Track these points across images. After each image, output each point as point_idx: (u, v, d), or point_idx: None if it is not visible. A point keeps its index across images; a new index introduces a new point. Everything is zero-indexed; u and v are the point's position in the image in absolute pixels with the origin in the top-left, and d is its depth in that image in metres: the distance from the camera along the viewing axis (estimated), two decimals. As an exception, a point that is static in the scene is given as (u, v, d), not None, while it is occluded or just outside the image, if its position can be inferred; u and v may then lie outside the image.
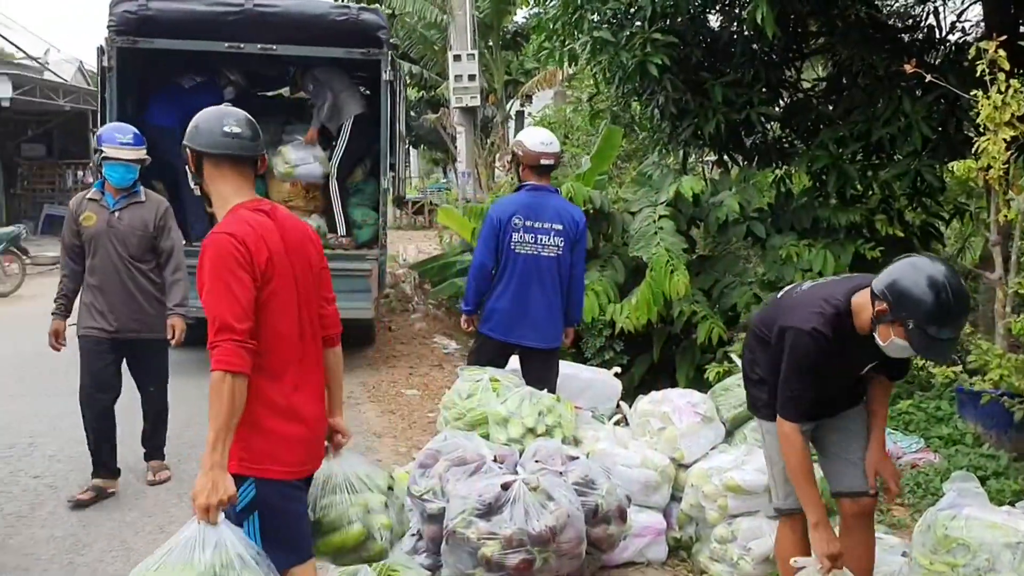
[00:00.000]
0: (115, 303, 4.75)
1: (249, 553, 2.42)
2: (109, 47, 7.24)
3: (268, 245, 2.68)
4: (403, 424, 6.26)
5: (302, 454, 2.73)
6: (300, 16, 7.40)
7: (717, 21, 7.82)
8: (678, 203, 6.90)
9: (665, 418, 4.07)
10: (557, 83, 16.77)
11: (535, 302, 4.76)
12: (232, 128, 2.76)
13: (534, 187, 4.77)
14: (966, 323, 2.74)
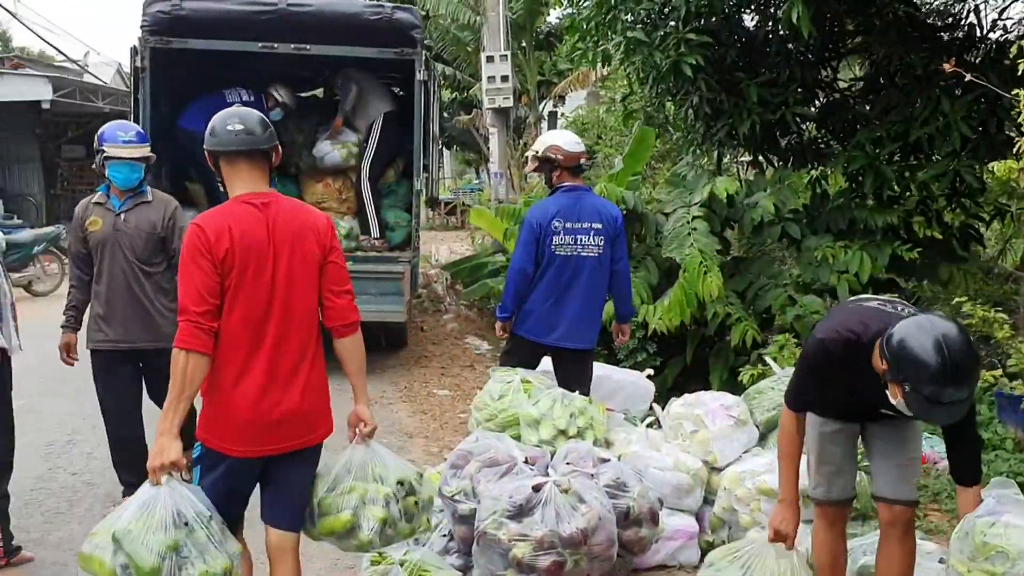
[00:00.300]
0: (124, 311, 4.44)
1: (195, 511, 2.73)
2: (142, 47, 7.22)
3: (232, 236, 2.85)
4: (435, 424, 6.28)
5: (243, 438, 2.88)
6: (333, 15, 7.35)
7: (752, 21, 7.76)
8: (712, 204, 6.84)
9: (698, 420, 4.04)
10: (590, 84, 16.73)
11: (572, 303, 4.74)
12: (235, 126, 2.97)
13: (570, 188, 4.76)
14: (973, 385, 2.67)
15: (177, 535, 2.67)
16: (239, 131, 2.96)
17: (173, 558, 2.64)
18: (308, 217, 3.08)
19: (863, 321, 2.89)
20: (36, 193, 19.07)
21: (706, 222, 6.64)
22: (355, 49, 7.51)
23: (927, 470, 4.88)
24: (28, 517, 4.56)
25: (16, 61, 19.01)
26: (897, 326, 2.66)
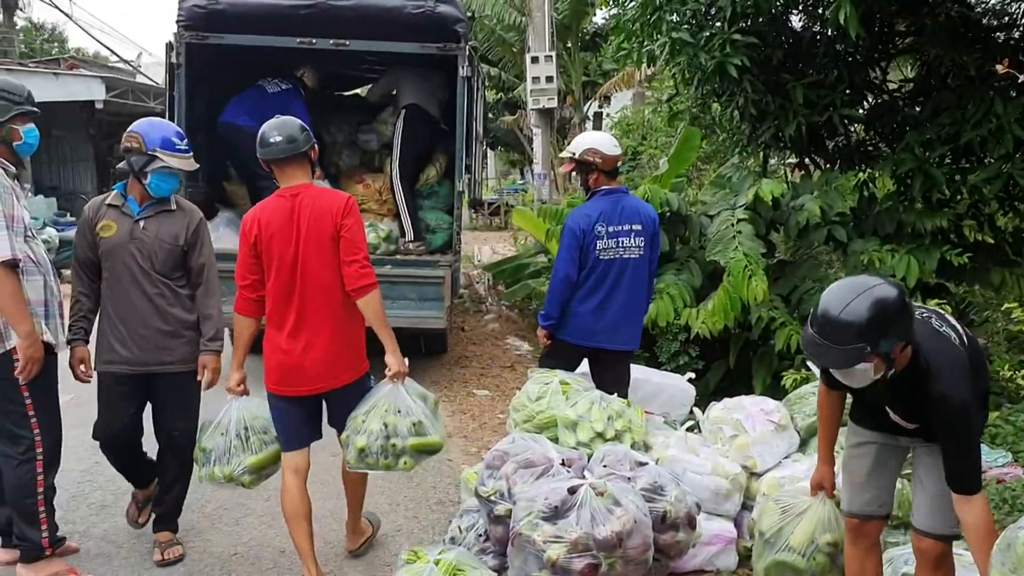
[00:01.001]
0: (136, 328, 3.96)
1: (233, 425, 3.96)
2: (178, 43, 7.01)
3: (260, 224, 3.74)
4: (473, 425, 6.28)
5: (277, 377, 3.80)
6: (374, 9, 7.03)
7: (800, 21, 7.66)
8: (757, 206, 6.76)
9: (737, 425, 4.00)
10: (635, 84, 16.65)
11: (615, 306, 4.73)
12: (273, 137, 3.77)
13: (609, 190, 4.74)
14: (838, 338, 2.64)
15: (207, 442, 3.92)
16: (279, 142, 3.74)
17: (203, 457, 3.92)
18: (328, 200, 3.76)
19: None
20: (89, 191, 19.45)
21: (751, 225, 6.57)
22: (396, 44, 7.23)
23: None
24: (74, 510, 4.65)
25: (71, 62, 19.43)
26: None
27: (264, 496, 4.84)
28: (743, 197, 6.90)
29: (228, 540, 4.39)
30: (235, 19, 6.95)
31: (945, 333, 2.91)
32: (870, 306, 2.64)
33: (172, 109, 7.02)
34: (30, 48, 30.66)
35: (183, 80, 6.99)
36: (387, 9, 7.00)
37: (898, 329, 2.69)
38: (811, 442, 4.02)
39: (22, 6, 19.09)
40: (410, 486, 5.08)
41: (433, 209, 7.86)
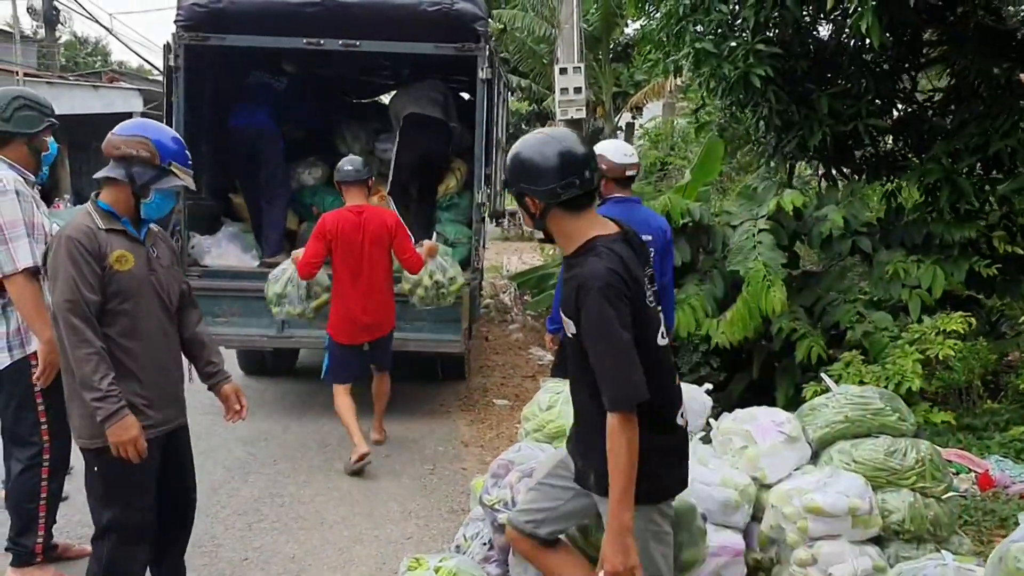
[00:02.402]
0: (162, 382, 3.30)
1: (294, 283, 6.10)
2: (176, 44, 6.52)
3: (336, 227, 5.71)
4: (491, 434, 6.29)
5: (343, 331, 5.77)
6: (386, 7, 6.55)
7: (826, 31, 7.60)
8: (779, 217, 6.70)
9: (747, 436, 3.96)
10: (666, 95, 16.61)
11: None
12: (346, 167, 5.83)
13: (620, 199, 4.74)
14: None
15: (280, 288, 5.96)
16: (347, 171, 5.82)
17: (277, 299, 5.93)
18: (381, 218, 5.82)
19: None
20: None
21: (772, 235, 6.50)
22: (410, 45, 6.71)
23: (996, 494, 4.70)
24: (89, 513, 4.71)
25: (111, 75, 19.80)
26: None
27: (279, 503, 4.88)
28: (765, 207, 6.84)
29: (239, 545, 4.43)
30: (237, 19, 6.55)
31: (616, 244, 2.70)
32: (533, 149, 2.69)
33: (171, 116, 6.57)
34: (74, 61, 31.30)
35: (182, 84, 6.54)
36: (401, 7, 6.56)
37: (530, 181, 2.67)
38: (823, 454, 3.97)
39: (63, 21, 19.45)
40: (423, 494, 5.10)
41: (453, 222, 7.51)
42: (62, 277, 3.00)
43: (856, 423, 3.92)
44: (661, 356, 2.73)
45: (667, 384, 2.73)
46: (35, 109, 3.88)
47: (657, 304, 2.78)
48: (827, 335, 6.40)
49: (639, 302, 2.62)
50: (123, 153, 3.17)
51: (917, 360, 5.40)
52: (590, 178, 2.67)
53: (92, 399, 2.97)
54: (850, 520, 3.50)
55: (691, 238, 7.07)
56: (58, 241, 3.06)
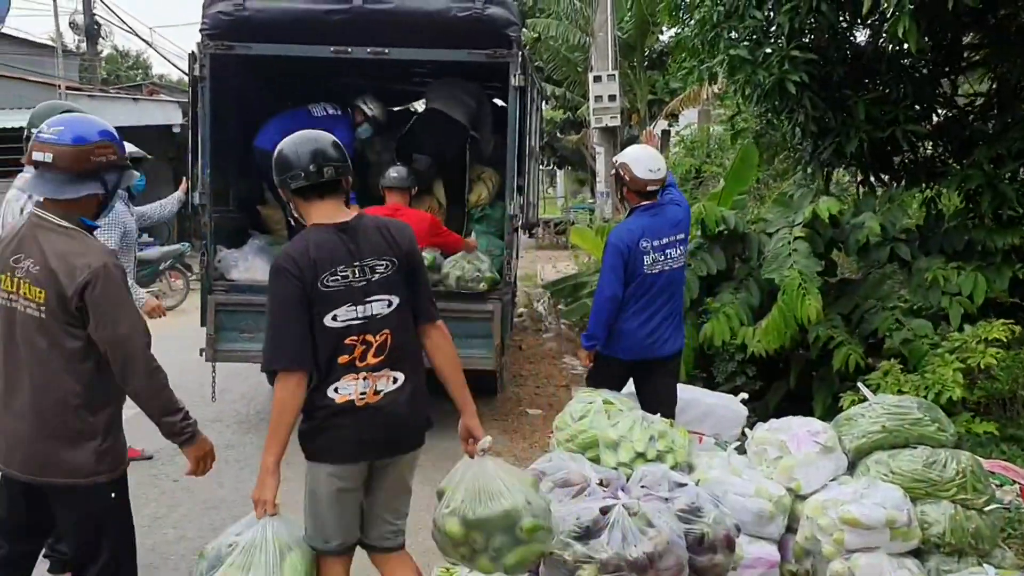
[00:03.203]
0: None
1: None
2: (201, 53, 6.36)
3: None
4: (523, 444, 6.28)
5: None
6: (416, 14, 6.36)
7: (863, 36, 7.52)
8: (815, 224, 6.63)
9: (782, 447, 3.91)
10: (702, 102, 16.53)
11: (663, 314, 4.77)
12: (391, 174, 6.20)
13: (649, 205, 4.72)
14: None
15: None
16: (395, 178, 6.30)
17: None
18: (416, 216, 5.93)
19: None
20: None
21: (808, 243, 6.43)
22: (440, 52, 6.55)
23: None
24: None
25: (151, 88, 20.12)
26: None
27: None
28: (801, 215, 6.77)
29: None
30: (263, 27, 6.38)
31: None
32: (286, 145, 3.11)
33: (196, 127, 6.45)
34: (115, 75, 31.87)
35: (208, 95, 6.40)
36: (430, 13, 6.36)
37: (277, 173, 3.10)
38: (859, 465, 3.90)
39: (104, 35, 19.83)
40: (455, 504, 5.09)
41: (484, 234, 7.30)
42: (127, 308, 2.89)
43: (894, 433, 3.86)
44: (326, 336, 3.00)
45: (325, 359, 3.01)
46: None
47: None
48: (865, 343, 6.32)
49: (310, 284, 2.96)
50: (94, 164, 2.91)
51: (958, 369, 5.30)
52: (315, 172, 3.03)
53: (180, 419, 3.03)
54: (888, 532, 3.44)
55: (726, 246, 7.03)
56: (106, 271, 2.83)
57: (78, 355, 2.86)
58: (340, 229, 3.07)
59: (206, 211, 6.51)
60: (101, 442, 2.93)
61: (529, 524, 3.00)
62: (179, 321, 11.55)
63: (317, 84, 7.50)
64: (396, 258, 3.12)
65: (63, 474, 2.90)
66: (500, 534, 3.02)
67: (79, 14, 19.56)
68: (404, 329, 3.15)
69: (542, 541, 3.06)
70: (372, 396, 3.06)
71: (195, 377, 7.50)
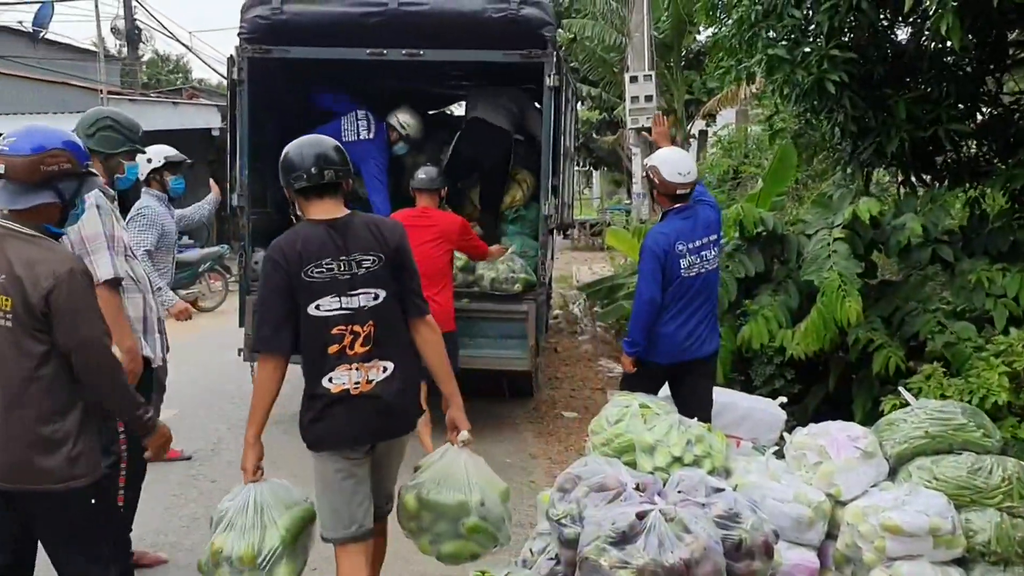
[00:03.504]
0: None
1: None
2: (239, 57, 6.45)
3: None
4: (559, 447, 6.24)
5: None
6: (451, 15, 6.38)
7: (904, 34, 7.40)
8: (855, 225, 6.52)
9: (821, 452, 3.85)
10: (740, 102, 16.38)
11: (700, 316, 4.76)
12: (420, 176, 5.95)
13: (682, 208, 4.69)
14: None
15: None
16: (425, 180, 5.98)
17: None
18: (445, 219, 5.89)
19: None
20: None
21: (848, 244, 6.34)
22: (475, 53, 6.55)
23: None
24: (167, 521, 4.81)
25: (191, 92, 20.35)
26: None
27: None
28: (840, 215, 6.67)
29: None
30: (300, 30, 6.46)
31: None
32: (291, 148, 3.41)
33: (234, 129, 6.55)
34: (156, 79, 32.29)
35: (246, 98, 6.48)
36: (465, 14, 6.38)
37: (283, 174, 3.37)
38: (901, 471, 3.83)
39: (145, 39, 20.10)
40: (491, 506, 5.07)
41: (518, 235, 7.31)
42: (90, 312, 2.88)
43: (937, 439, 3.78)
44: (312, 325, 3.19)
45: (317, 349, 3.20)
46: (120, 132, 4.01)
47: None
48: (906, 346, 6.21)
49: (295, 275, 3.18)
50: (45, 173, 2.87)
51: (1003, 373, 5.19)
52: (316, 174, 3.26)
53: (141, 413, 3.02)
54: (931, 540, 3.37)
55: (764, 248, 6.95)
56: (70, 276, 2.83)
57: (44, 361, 2.85)
58: (330, 225, 3.27)
59: (244, 213, 6.57)
60: (72, 446, 2.89)
61: (471, 523, 3.24)
62: (218, 322, 11.69)
63: (352, 87, 7.52)
64: (383, 254, 3.29)
65: (36, 480, 2.86)
66: (444, 522, 3.30)
67: (120, 19, 19.85)
68: (391, 321, 3.31)
69: (480, 544, 3.30)
70: (365, 385, 3.22)
71: (233, 377, 7.59)
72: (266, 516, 3.21)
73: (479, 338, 6.32)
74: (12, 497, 2.94)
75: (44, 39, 20.10)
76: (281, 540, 3.20)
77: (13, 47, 19.53)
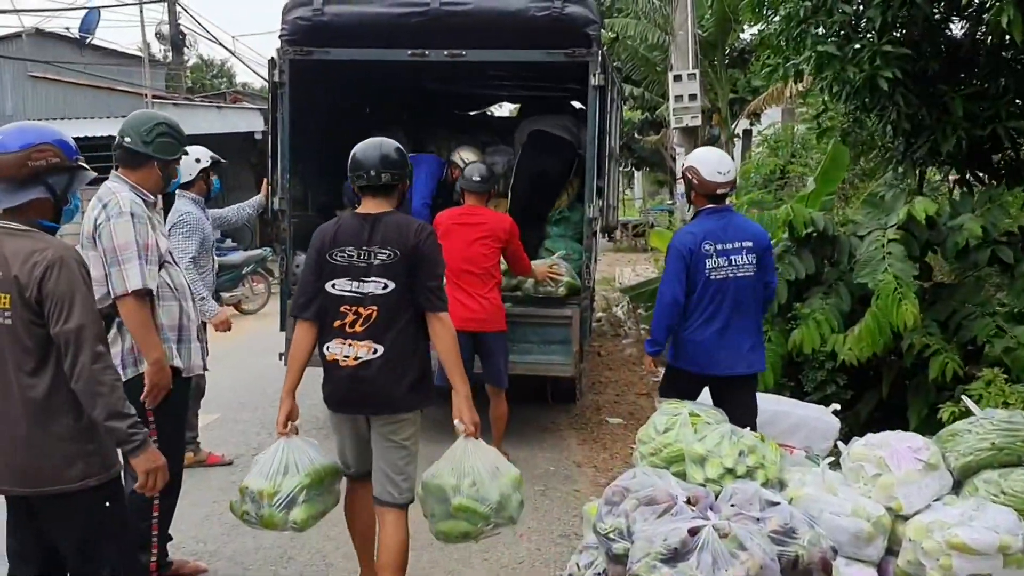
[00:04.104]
0: None
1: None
2: (281, 59, 6.39)
3: (448, 223, 5.74)
4: (605, 455, 6.11)
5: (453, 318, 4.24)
6: (494, 14, 6.23)
7: (960, 29, 7.17)
8: (910, 226, 6.31)
9: (881, 463, 3.68)
10: (785, 100, 16.10)
11: (733, 328, 4.54)
12: (474, 177, 5.87)
13: (714, 209, 4.55)
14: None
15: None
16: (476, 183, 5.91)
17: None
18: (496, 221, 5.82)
19: None
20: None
21: (903, 245, 6.13)
22: (518, 53, 6.43)
23: None
24: (207, 528, 4.77)
25: (235, 96, 20.51)
26: None
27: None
28: (895, 216, 6.46)
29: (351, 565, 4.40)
30: (341, 31, 6.38)
31: None
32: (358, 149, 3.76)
33: (276, 132, 6.48)
34: (200, 83, 32.66)
35: (287, 100, 6.42)
36: (509, 13, 6.24)
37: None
38: (965, 484, 3.66)
39: (189, 44, 20.32)
40: (535, 517, 4.97)
41: (562, 237, 7.19)
42: (80, 300, 2.79)
43: (1004, 451, 3.60)
44: (328, 300, 3.63)
45: (326, 320, 3.63)
46: (175, 137, 3.96)
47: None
48: (963, 351, 6.00)
49: (323, 255, 3.64)
50: (32, 169, 2.85)
51: (1070, 380, 4.98)
52: (375, 176, 3.67)
53: (128, 426, 2.83)
54: (1001, 559, 3.20)
55: (815, 249, 6.76)
56: (62, 262, 2.79)
57: (46, 356, 2.81)
58: (364, 219, 3.67)
59: (286, 216, 6.53)
60: (84, 444, 2.85)
61: (458, 503, 3.51)
62: (260, 325, 11.72)
63: (394, 89, 7.43)
64: (400, 250, 3.58)
65: (50, 482, 2.82)
66: (437, 503, 3.60)
67: (165, 24, 20.09)
68: (394, 310, 3.59)
69: (469, 522, 3.55)
70: (352, 361, 3.59)
71: (274, 381, 7.54)
72: (290, 464, 3.62)
73: (522, 343, 6.16)
74: (31, 503, 2.90)
75: (91, 45, 20.34)
76: (299, 484, 3.59)
77: (61, 53, 19.82)
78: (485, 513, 3.53)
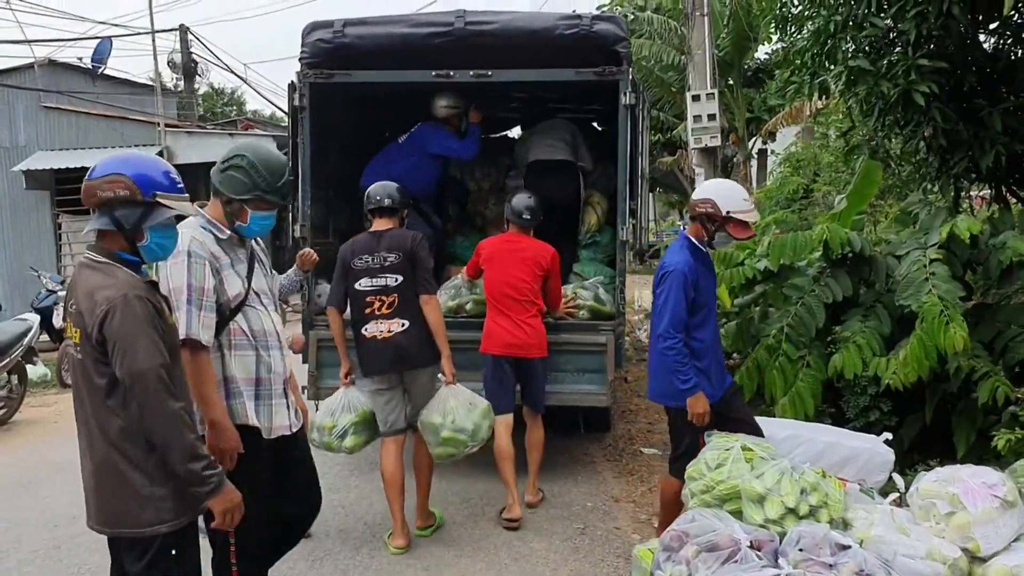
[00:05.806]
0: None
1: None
2: (301, 82, 6.14)
3: (492, 251, 5.79)
4: (643, 488, 5.85)
5: (492, 345, 5.58)
6: (521, 33, 6.05)
7: (998, 42, 6.98)
8: (952, 245, 6.10)
9: (954, 500, 3.46)
10: (804, 119, 15.93)
11: (718, 350, 4.67)
12: (524, 214, 5.72)
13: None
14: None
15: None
16: (526, 219, 5.75)
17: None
18: (538, 249, 5.71)
19: None
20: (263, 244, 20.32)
21: (946, 265, 5.92)
22: (547, 72, 6.19)
23: None
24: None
25: (246, 123, 20.47)
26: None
27: (422, 565, 4.62)
28: (935, 235, 6.25)
29: None
30: (363, 53, 6.20)
31: None
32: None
33: (296, 157, 6.19)
34: (211, 112, 32.72)
35: (308, 124, 6.17)
36: (536, 32, 6.05)
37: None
38: (1047, 523, 3.44)
39: (201, 73, 20.26)
40: (576, 557, 4.74)
41: (592, 261, 6.98)
42: (143, 343, 2.68)
43: (1086, 486, 3.39)
44: (355, 296, 5.01)
45: (359, 311, 4.98)
46: (249, 175, 3.47)
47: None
48: (1011, 373, 5.77)
49: (348, 263, 5.02)
50: (102, 199, 2.80)
51: None
52: (379, 199, 5.10)
53: (203, 467, 2.73)
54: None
55: (852, 270, 6.55)
56: (125, 302, 2.69)
57: (112, 394, 2.73)
58: (374, 234, 5.05)
59: (306, 244, 6.31)
60: (151, 485, 2.74)
61: (445, 435, 4.83)
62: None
63: (417, 111, 7.22)
64: (402, 252, 4.94)
65: (120, 524, 2.76)
66: (432, 435, 4.90)
67: (177, 53, 20.04)
68: (408, 295, 4.93)
69: (454, 447, 4.86)
70: (387, 334, 4.92)
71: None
72: (348, 405, 5.06)
73: (555, 372, 5.86)
74: (110, 543, 2.85)
75: (103, 75, 20.33)
76: (352, 422, 5.02)
77: (74, 83, 19.79)
78: (464, 440, 4.86)
